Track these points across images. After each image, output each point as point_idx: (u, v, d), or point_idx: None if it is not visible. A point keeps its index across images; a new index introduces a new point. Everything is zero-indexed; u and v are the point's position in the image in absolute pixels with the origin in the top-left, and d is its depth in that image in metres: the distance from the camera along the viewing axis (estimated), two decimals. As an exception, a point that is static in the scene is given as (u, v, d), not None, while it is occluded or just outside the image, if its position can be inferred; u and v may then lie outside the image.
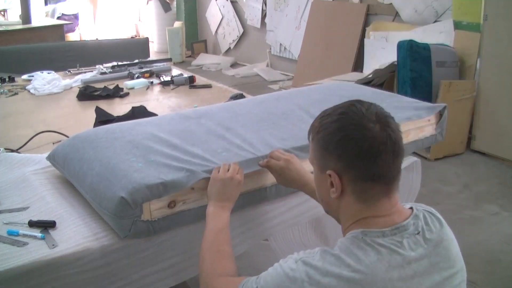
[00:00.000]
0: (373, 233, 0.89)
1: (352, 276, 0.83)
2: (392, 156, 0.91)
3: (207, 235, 1.12)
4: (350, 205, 0.94)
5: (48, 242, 1.13)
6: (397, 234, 0.90)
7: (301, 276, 0.86)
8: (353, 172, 0.91)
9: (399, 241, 0.89)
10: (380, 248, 0.87)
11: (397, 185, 0.95)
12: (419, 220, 0.94)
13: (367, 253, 0.86)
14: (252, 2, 6.64)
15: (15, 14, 6.90)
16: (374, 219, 0.92)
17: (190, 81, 2.98)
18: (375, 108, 0.95)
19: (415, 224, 0.92)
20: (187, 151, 1.35)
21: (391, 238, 0.89)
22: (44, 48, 4.24)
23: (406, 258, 0.87)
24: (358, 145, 0.90)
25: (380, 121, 0.92)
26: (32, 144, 1.94)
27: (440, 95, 3.52)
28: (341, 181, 0.93)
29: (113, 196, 1.15)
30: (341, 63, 5.05)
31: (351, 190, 0.93)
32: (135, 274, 1.20)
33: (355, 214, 0.94)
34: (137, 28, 9.51)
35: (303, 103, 1.76)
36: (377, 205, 0.92)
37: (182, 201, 1.23)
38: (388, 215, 0.92)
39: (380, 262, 0.85)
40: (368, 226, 0.91)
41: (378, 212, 0.92)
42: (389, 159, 0.90)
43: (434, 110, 1.79)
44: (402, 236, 0.90)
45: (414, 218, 0.93)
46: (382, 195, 0.92)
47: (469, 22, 3.87)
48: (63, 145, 1.51)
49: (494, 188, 3.16)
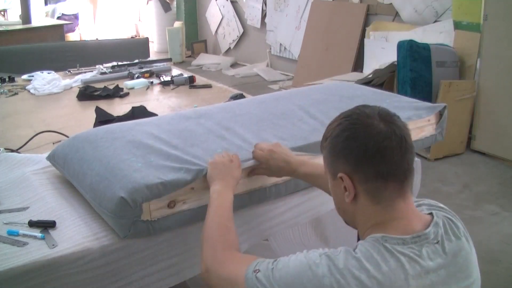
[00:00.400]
0: (394, 239, 0.88)
1: (370, 282, 0.83)
2: (399, 152, 0.90)
3: (216, 210, 1.12)
4: (366, 208, 0.93)
5: (48, 242, 1.13)
6: (418, 243, 0.88)
7: (323, 270, 0.85)
8: (363, 172, 0.91)
9: (418, 250, 0.88)
10: (400, 256, 0.86)
11: (410, 185, 0.93)
12: (439, 228, 0.92)
13: (387, 260, 0.85)
14: (252, 2, 6.64)
15: (15, 14, 6.90)
16: (392, 223, 0.91)
17: (190, 81, 2.98)
18: (378, 109, 0.95)
19: (435, 233, 0.91)
20: (187, 151, 1.35)
21: (410, 247, 0.88)
22: (44, 48, 4.24)
23: (424, 267, 0.86)
24: (364, 142, 0.90)
25: (384, 119, 0.92)
26: (32, 144, 1.94)
27: (440, 95, 3.52)
28: (353, 183, 0.92)
29: (113, 196, 1.15)
30: (341, 63, 5.05)
31: (364, 192, 0.92)
32: (135, 274, 1.20)
33: (371, 216, 0.93)
34: (137, 28, 9.51)
35: (303, 103, 1.76)
36: (392, 206, 0.91)
37: (182, 201, 1.23)
38: (405, 218, 0.91)
39: (400, 270, 0.84)
40: (387, 230, 0.90)
41: (395, 213, 0.91)
42: (397, 154, 0.89)
43: (434, 110, 1.79)
44: (422, 245, 0.88)
45: (434, 226, 0.92)
46: (395, 195, 0.91)
47: (469, 22, 3.87)
48: (63, 145, 1.51)
49: (494, 188, 3.16)
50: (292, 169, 1.31)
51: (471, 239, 0.98)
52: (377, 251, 0.87)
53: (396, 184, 0.91)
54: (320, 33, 5.38)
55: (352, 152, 0.91)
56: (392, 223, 0.90)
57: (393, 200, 0.91)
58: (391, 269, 0.84)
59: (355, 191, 0.93)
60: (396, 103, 1.80)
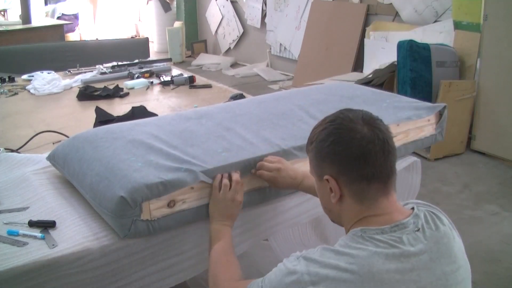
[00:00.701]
0: (372, 230, 0.92)
1: (349, 267, 0.86)
2: (382, 154, 0.94)
3: (216, 248, 1.18)
4: (350, 207, 0.97)
5: (48, 242, 1.13)
6: (397, 231, 0.92)
7: (301, 269, 0.89)
8: (348, 174, 0.95)
9: (398, 237, 0.91)
10: (379, 243, 0.89)
11: (393, 184, 0.97)
12: (419, 219, 0.95)
13: (366, 246, 0.89)
14: (252, 2, 6.65)
15: (15, 14, 6.90)
16: (374, 218, 0.95)
17: (190, 81, 2.98)
18: (362, 113, 0.99)
19: (415, 223, 0.94)
20: (187, 151, 1.35)
21: (390, 235, 0.91)
22: (44, 48, 4.24)
23: (405, 252, 0.89)
24: (348, 147, 0.94)
25: (367, 122, 0.96)
26: (32, 144, 1.94)
27: (440, 95, 3.52)
28: (338, 184, 0.96)
29: (112, 196, 1.15)
30: (341, 63, 5.05)
31: (349, 192, 0.96)
32: (135, 274, 1.20)
33: (355, 215, 0.97)
34: (137, 28, 9.52)
35: (303, 103, 1.76)
36: (375, 204, 0.95)
37: (181, 200, 1.23)
38: (387, 214, 0.95)
39: (378, 254, 0.87)
40: (367, 224, 0.94)
41: (377, 211, 0.95)
42: (380, 157, 0.93)
43: (434, 110, 1.79)
44: (402, 232, 0.92)
45: (414, 217, 0.95)
46: (379, 194, 0.95)
47: (469, 22, 3.87)
48: (63, 145, 1.51)
49: (494, 188, 3.16)
50: (297, 183, 1.35)
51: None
52: (355, 241, 0.91)
53: (380, 185, 0.95)
54: (320, 33, 5.38)
55: (337, 156, 0.95)
56: (373, 219, 0.95)
57: (376, 199, 0.95)
58: (370, 254, 0.88)
59: (340, 193, 0.97)
60: (396, 103, 1.80)
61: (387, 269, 0.86)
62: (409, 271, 0.88)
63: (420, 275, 0.88)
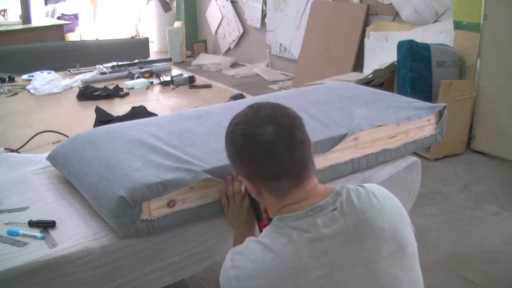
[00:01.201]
0: (287, 217, 0.95)
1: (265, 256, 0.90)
2: (287, 153, 0.95)
3: None
4: (270, 200, 1.02)
5: (48, 242, 1.13)
6: (312, 216, 0.94)
7: (227, 265, 0.95)
8: (257, 176, 0.99)
9: (313, 221, 0.93)
10: (292, 230, 0.92)
11: (307, 174, 0.99)
12: (340, 196, 0.97)
13: (280, 237, 0.92)
14: (252, 2, 6.64)
15: (15, 14, 6.90)
16: (290, 206, 0.98)
17: (190, 81, 2.98)
18: (267, 110, 1.00)
19: (333, 201, 0.96)
20: (187, 151, 1.35)
21: (305, 220, 0.93)
22: (44, 48, 4.24)
23: (317, 236, 0.91)
24: (250, 153, 0.97)
25: (271, 123, 0.97)
26: (32, 144, 1.94)
27: (440, 95, 3.52)
28: (252, 183, 1.01)
29: (112, 196, 1.15)
30: (341, 63, 5.05)
31: (264, 189, 1.01)
32: (135, 274, 1.20)
33: (275, 206, 1.01)
34: (137, 28, 9.52)
35: (303, 103, 1.76)
36: (289, 195, 0.98)
37: (181, 200, 1.23)
38: (304, 200, 0.97)
39: (290, 243, 0.90)
40: (285, 212, 0.97)
41: (291, 200, 0.98)
42: (285, 156, 0.95)
43: (434, 110, 1.79)
44: (317, 216, 0.94)
45: (334, 196, 0.97)
46: (291, 187, 0.98)
47: (469, 22, 3.87)
48: (63, 145, 1.51)
49: (494, 188, 3.16)
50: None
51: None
52: (271, 231, 0.95)
53: (290, 180, 0.97)
54: (320, 33, 5.38)
55: (243, 161, 1.00)
56: (290, 207, 0.98)
57: (289, 191, 0.98)
58: (282, 244, 0.90)
59: (256, 189, 1.02)
60: (396, 103, 1.80)
61: (300, 256, 0.88)
62: (323, 254, 0.89)
63: (335, 256, 0.89)
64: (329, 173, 1.51)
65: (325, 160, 1.50)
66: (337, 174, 1.54)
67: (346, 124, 1.59)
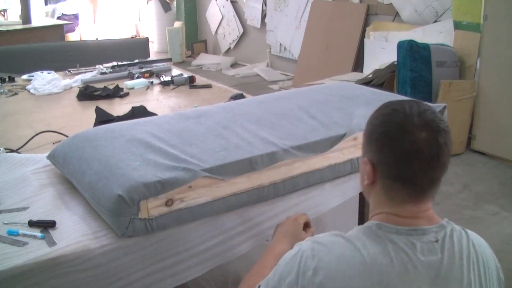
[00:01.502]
0: (388, 228, 0.90)
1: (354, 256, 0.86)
2: (428, 167, 0.89)
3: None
4: (379, 197, 0.95)
5: (48, 242, 1.13)
6: (413, 236, 0.89)
7: (303, 247, 0.90)
8: (386, 169, 0.92)
9: (412, 243, 0.88)
10: (389, 243, 0.87)
11: (429, 195, 0.93)
12: (444, 230, 0.92)
13: (374, 245, 0.87)
14: (252, 2, 6.65)
15: (15, 14, 6.90)
16: (394, 217, 0.92)
17: (190, 81, 2.98)
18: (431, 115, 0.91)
19: (436, 232, 0.90)
20: (186, 150, 1.35)
21: (405, 237, 0.88)
22: (44, 48, 4.24)
23: (412, 260, 0.86)
24: (396, 145, 0.90)
25: (428, 129, 0.89)
26: (32, 144, 1.94)
27: (440, 95, 3.52)
28: (374, 172, 0.94)
29: (110, 194, 1.16)
30: (341, 63, 5.05)
31: (380, 184, 0.94)
32: (135, 274, 1.20)
33: (380, 206, 0.95)
34: (137, 28, 9.52)
35: (303, 103, 1.76)
36: (402, 206, 0.92)
37: (179, 199, 1.23)
38: (411, 218, 0.91)
39: (383, 255, 0.86)
40: (387, 220, 0.92)
41: (401, 212, 0.92)
42: (424, 168, 0.89)
43: (433, 110, 1.79)
44: (418, 239, 0.88)
45: (438, 227, 0.92)
46: (408, 199, 0.92)
47: (469, 22, 3.87)
48: (63, 144, 1.51)
49: (494, 188, 3.16)
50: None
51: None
52: (366, 235, 0.89)
53: (412, 191, 0.91)
54: (320, 33, 5.38)
55: (383, 148, 0.92)
56: (393, 217, 0.92)
57: (404, 202, 0.92)
58: (376, 252, 0.86)
59: (373, 179, 0.95)
60: (395, 103, 1.79)
61: (388, 272, 0.84)
62: (410, 282, 0.85)
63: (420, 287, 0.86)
64: (328, 173, 1.51)
65: (324, 160, 1.50)
66: (336, 174, 1.54)
67: (345, 124, 1.59)
